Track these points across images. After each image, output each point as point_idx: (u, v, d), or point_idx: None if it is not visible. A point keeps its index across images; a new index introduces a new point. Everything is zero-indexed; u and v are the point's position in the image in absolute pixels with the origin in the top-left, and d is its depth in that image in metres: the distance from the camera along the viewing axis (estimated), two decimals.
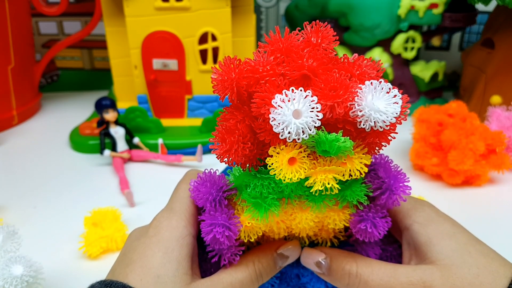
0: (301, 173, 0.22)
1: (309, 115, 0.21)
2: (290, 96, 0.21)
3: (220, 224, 0.24)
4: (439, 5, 0.61)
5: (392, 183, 0.25)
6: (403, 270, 0.25)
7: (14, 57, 0.63)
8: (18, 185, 0.49)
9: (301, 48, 0.23)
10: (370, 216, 0.25)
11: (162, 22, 0.54)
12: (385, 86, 0.21)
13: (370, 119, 0.21)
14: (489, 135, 0.48)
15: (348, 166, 0.23)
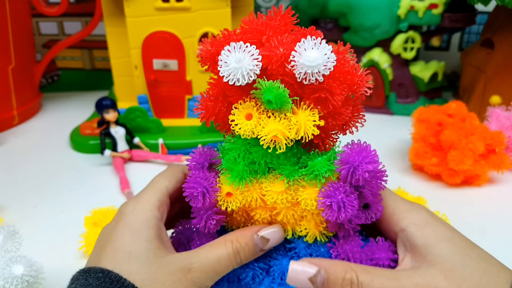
0: (253, 125, 0.25)
1: (249, 61, 0.25)
2: (235, 46, 0.25)
3: (198, 182, 0.27)
4: (438, 5, 0.61)
5: (354, 158, 0.25)
6: (405, 274, 0.25)
7: (15, 57, 0.64)
8: (18, 185, 0.49)
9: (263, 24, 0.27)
10: (333, 191, 0.25)
11: (163, 23, 0.54)
12: (318, 41, 0.24)
13: (301, 68, 0.24)
14: (489, 135, 0.48)
15: (293, 119, 0.25)
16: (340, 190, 0.25)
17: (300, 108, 0.26)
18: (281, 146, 0.25)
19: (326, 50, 0.24)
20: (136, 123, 0.56)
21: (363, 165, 0.25)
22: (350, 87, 0.26)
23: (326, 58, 0.24)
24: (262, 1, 0.80)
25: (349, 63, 0.26)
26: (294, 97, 0.26)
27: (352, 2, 0.63)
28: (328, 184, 0.26)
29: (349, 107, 0.26)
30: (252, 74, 0.25)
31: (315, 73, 0.24)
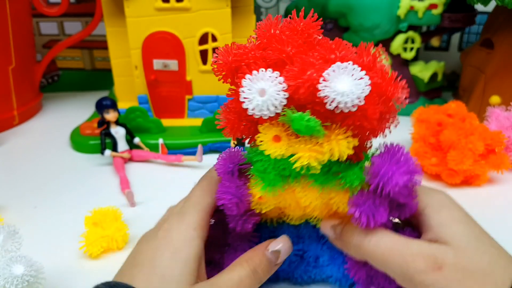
0: (283, 149, 0.24)
1: (274, 93, 0.23)
2: (257, 76, 0.23)
3: (230, 192, 0.27)
4: (438, 5, 0.61)
5: (385, 171, 0.24)
6: (417, 242, 0.26)
7: (15, 57, 0.64)
8: (18, 185, 0.50)
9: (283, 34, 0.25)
10: (362, 203, 0.25)
11: (163, 23, 0.54)
12: (351, 68, 0.22)
13: (332, 99, 0.22)
14: (489, 135, 0.48)
15: (326, 147, 0.24)
16: (370, 202, 0.25)
17: (333, 133, 0.24)
18: (316, 169, 0.24)
19: (360, 80, 0.22)
20: (136, 123, 0.57)
21: (394, 179, 0.24)
22: (385, 102, 0.24)
23: (360, 89, 0.22)
24: (262, 1, 0.80)
25: (381, 73, 0.24)
26: (326, 124, 0.24)
27: (352, 2, 0.63)
28: (358, 194, 0.26)
29: (386, 120, 0.25)
30: (280, 107, 0.23)
31: (348, 106, 0.22)
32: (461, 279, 0.24)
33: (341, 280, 0.31)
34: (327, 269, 0.31)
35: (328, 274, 0.32)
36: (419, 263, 0.24)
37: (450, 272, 0.24)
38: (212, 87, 0.58)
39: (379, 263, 0.26)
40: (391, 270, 0.26)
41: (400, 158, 0.25)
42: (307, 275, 0.32)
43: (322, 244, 0.32)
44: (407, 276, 0.25)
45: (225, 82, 0.27)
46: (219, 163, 0.29)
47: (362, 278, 0.29)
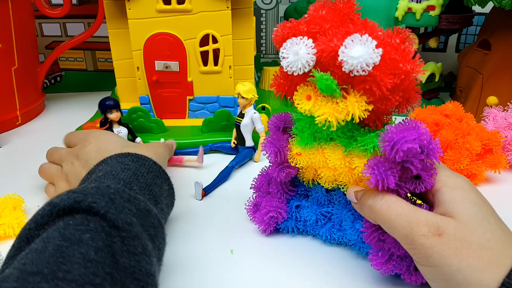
0: (310, 105, 0.30)
1: (304, 54, 0.29)
2: (294, 41, 0.29)
3: (273, 143, 0.35)
4: (436, 7, 0.61)
5: (392, 137, 0.28)
6: (424, 212, 0.28)
7: (18, 58, 0.64)
8: (21, 184, 0.50)
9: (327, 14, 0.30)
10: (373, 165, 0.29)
11: (164, 24, 0.55)
12: (365, 38, 0.27)
13: (346, 63, 0.27)
14: (486, 135, 0.48)
15: (341, 105, 0.29)
16: (381, 165, 0.29)
17: (350, 95, 0.29)
18: (333, 125, 0.30)
19: (371, 47, 0.27)
20: (138, 123, 0.57)
21: (399, 145, 0.28)
22: (399, 75, 0.28)
23: (371, 54, 0.26)
24: (262, 3, 0.81)
25: (403, 51, 0.28)
26: (344, 86, 0.29)
27: None
28: (373, 158, 0.30)
29: (399, 92, 0.28)
30: (307, 66, 0.29)
31: (358, 69, 0.27)
32: (458, 247, 0.25)
33: (360, 245, 0.35)
34: (348, 232, 0.36)
35: (349, 238, 0.36)
36: (422, 228, 0.27)
37: (449, 239, 0.26)
38: (212, 87, 0.58)
39: (387, 224, 0.29)
40: (397, 232, 0.28)
41: (411, 129, 0.28)
42: (331, 235, 0.37)
43: (348, 210, 0.36)
44: (409, 239, 0.27)
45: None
46: (272, 120, 0.37)
47: (374, 241, 0.32)
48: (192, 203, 0.45)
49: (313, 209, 0.37)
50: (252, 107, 0.53)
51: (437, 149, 0.29)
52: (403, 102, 0.30)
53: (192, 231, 0.41)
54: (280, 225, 0.39)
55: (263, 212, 0.38)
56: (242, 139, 0.53)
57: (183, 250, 0.38)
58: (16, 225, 0.40)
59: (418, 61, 0.28)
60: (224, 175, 0.49)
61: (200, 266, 0.36)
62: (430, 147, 0.28)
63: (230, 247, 0.38)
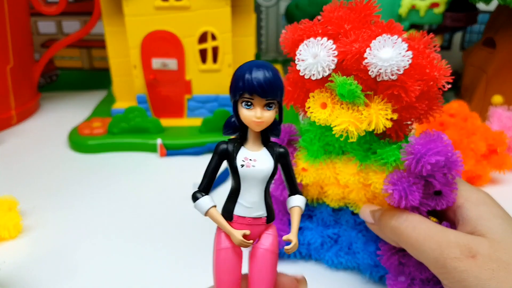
0: (327, 114, 0.27)
1: (324, 56, 0.25)
2: (312, 42, 0.26)
3: None
4: (440, 4, 0.60)
5: (418, 150, 0.26)
6: (453, 231, 0.26)
7: (13, 56, 0.63)
8: (16, 184, 0.49)
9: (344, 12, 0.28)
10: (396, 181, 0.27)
11: (162, 22, 0.54)
12: (394, 39, 0.24)
13: (375, 66, 0.24)
14: (491, 135, 0.47)
15: (365, 113, 0.26)
16: (404, 180, 0.27)
17: (373, 102, 0.26)
18: (353, 136, 0.27)
19: (401, 49, 0.24)
20: (134, 123, 0.56)
21: (426, 157, 0.25)
22: (427, 82, 0.26)
23: (401, 57, 0.24)
24: (262, 0, 0.80)
25: (428, 56, 0.26)
26: (368, 92, 0.26)
27: None
28: (394, 172, 0.27)
29: (424, 101, 0.27)
30: (327, 69, 0.26)
31: (388, 72, 0.25)
32: (495, 269, 0.24)
33: (371, 269, 0.32)
34: (359, 256, 0.33)
35: (358, 262, 0.33)
36: (454, 250, 0.25)
37: (484, 261, 0.24)
38: (211, 86, 0.57)
39: (413, 247, 0.27)
40: (425, 256, 0.26)
41: (436, 140, 0.26)
42: (338, 259, 0.33)
43: (358, 231, 0.33)
44: (440, 262, 0.25)
45: (289, 56, 0.29)
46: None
47: (394, 265, 0.29)
48: (190, 204, 0.44)
49: (318, 230, 0.34)
50: None
51: (459, 163, 0.27)
52: (427, 110, 0.28)
53: (191, 232, 0.40)
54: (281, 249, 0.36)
55: None
56: None
57: (182, 254, 0.37)
58: (11, 227, 0.39)
59: (444, 67, 0.26)
60: (223, 177, 0.48)
61: (199, 267, 0.35)
62: (452, 160, 0.26)
63: None
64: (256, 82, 0.21)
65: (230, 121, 0.24)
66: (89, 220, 0.42)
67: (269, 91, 0.22)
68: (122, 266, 0.36)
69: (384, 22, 0.27)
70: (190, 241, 0.39)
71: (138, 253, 0.38)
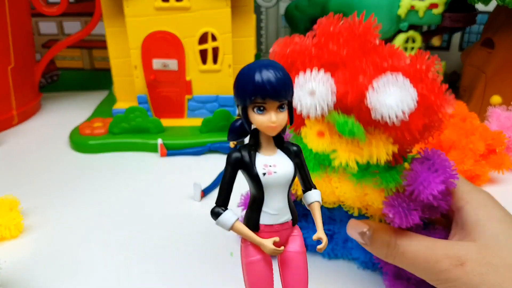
0: (325, 145, 0.25)
1: (323, 95, 0.23)
2: (309, 76, 0.23)
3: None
4: (439, 5, 0.60)
5: (422, 179, 0.25)
6: (441, 244, 0.26)
7: (14, 57, 0.63)
8: (17, 185, 0.49)
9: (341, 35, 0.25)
10: (397, 205, 0.26)
11: (162, 22, 0.54)
12: (400, 81, 0.22)
13: (377, 111, 0.23)
14: (489, 135, 0.48)
15: (366, 151, 0.25)
16: (404, 204, 0.26)
17: (374, 138, 0.25)
18: (353, 169, 0.25)
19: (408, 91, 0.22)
20: (135, 123, 0.56)
21: (429, 189, 0.25)
22: (430, 115, 0.24)
23: (408, 100, 0.22)
24: (262, 0, 0.80)
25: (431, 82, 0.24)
26: (368, 128, 0.25)
27: (352, 1, 0.62)
28: (394, 195, 0.26)
29: (426, 132, 0.25)
30: (326, 108, 0.24)
31: (393, 117, 0.23)
32: (485, 273, 0.24)
33: (367, 263, 0.33)
34: (354, 251, 0.33)
35: (354, 256, 0.34)
36: (442, 263, 0.25)
37: (473, 267, 0.24)
38: (211, 87, 0.58)
39: (407, 267, 0.27)
40: (419, 273, 0.27)
41: (438, 166, 0.26)
42: (334, 253, 0.34)
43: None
44: (433, 277, 0.26)
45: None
46: None
47: (391, 270, 0.30)
48: (190, 204, 0.45)
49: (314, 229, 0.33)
50: None
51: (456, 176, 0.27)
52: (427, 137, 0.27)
53: (190, 232, 0.40)
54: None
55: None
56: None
57: (182, 252, 0.37)
58: (12, 227, 0.39)
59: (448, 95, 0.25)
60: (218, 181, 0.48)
61: (199, 268, 0.36)
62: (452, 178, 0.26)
63: (229, 250, 0.37)
64: (269, 85, 0.20)
65: (236, 126, 0.22)
66: (89, 220, 0.42)
67: (283, 93, 0.20)
68: (123, 265, 0.36)
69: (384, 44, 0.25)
70: (190, 240, 0.39)
71: (138, 253, 0.38)
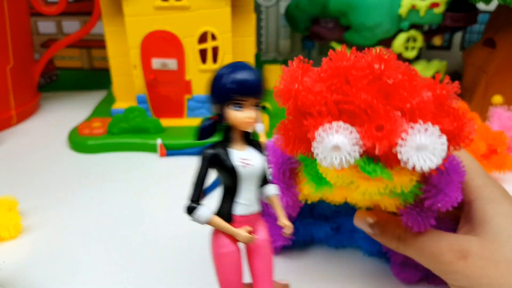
0: (344, 179, 0.24)
1: (349, 149, 0.21)
2: (333, 129, 0.22)
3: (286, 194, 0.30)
4: (440, 4, 0.60)
5: (439, 192, 0.26)
6: (446, 237, 0.27)
7: (13, 56, 0.63)
8: (16, 185, 0.49)
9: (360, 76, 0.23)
10: (414, 213, 0.27)
11: (162, 22, 0.54)
12: (432, 132, 0.21)
13: (409, 162, 0.22)
14: (491, 135, 0.47)
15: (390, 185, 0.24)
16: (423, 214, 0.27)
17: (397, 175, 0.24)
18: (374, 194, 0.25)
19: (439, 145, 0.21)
20: (134, 123, 0.56)
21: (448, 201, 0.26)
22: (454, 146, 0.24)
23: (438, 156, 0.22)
24: (262, 0, 0.80)
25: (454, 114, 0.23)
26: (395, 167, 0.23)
27: (353, 1, 0.62)
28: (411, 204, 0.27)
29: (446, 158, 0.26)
30: (352, 161, 0.22)
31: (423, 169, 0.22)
32: (486, 267, 0.25)
33: (373, 252, 0.34)
34: (361, 242, 0.34)
35: (360, 245, 0.35)
36: (446, 256, 0.26)
37: (474, 260, 0.25)
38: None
39: (414, 257, 0.29)
40: (425, 264, 0.28)
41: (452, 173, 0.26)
42: (341, 244, 0.36)
43: None
44: (437, 268, 0.27)
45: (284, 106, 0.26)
46: (272, 162, 0.30)
47: (399, 258, 0.31)
48: None
49: (321, 225, 0.35)
50: None
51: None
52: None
53: (190, 232, 0.40)
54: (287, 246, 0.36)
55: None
56: None
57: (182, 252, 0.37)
58: (11, 227, 0.39)
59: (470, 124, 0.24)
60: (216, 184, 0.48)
61: (200, 267, 0.35)
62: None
63: None
64: (250, 84, 0.22)
65: (207, 126, 0.24)
66: (89, 220, 0.42)
67: (260, 91, 0.22)
68: (122, 266, 0.36)
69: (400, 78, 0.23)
70: (191, 239, 0.39)
71: (138, 252, 0.38)
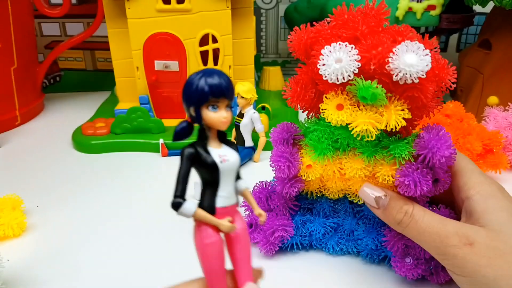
0: (346, 116, 0.28)
1: (349, 62, 0.26)
2: (335, 47, 0.27)
3: (284, 156, 0.31)
4: (436, 6, 0.61)
5: (433, 144, 0.28)
6: (453, 223, 0.28)
7: (17, 58, 0.64)
8: (20, 184, 0.50)
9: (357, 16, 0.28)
10: (411, 172, 0.28)
11: (164, 24, 0.54)
12: (417, 45, 0.26)
13: (401, 71, 0.26)
14: (486, 135, 0.48)
15: (385, 117, 0.27)
16: (418, 172, 0.28)
17: (391, 104, 0.28)
18: (372, 135, 0.28)
19: (424, 55, 0.26)
20: (137, 123, 0.57)
21: (441, 151, 0.27)
22: (438, 83, 0.28)
23: (424, 63, 0.26)
24: (262, 2, 0.81)
25: (435, 58, 0.28)
26: (388, 94, 0.28)
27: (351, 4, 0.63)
28: (406, 165, 0.29)
29: (434, 100, 0.29)
30: (351, 74, 0.27)
31: (413, 77, 0.26)
32: (492, 257, 0.25)
33: (372, 253, 0.34)
34: (361, 242, 0.34)
35: (360, 248, 0.35)
36: (452, 239, 0.26)
37: (481, 248, 0.26)
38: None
39: (416, 238, 0.29)
40: (427, 245, 0.28)
41: (443, 135, 0.28)
42: (339, 246, 0.36)
43: (357, 219, 0.35)
44: (440, 250, 0.27)
45: (296, 57, 0.30)
46: (275, 132, 0.33)
47: (400, 249, 0.31)
48: None
49: (320, 222, 0.35)
50: (251, 107, 0.52)
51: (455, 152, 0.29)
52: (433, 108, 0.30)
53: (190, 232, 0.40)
54: (286, 243, 0.36)
55: (268, 232, 0.35)
56: (242, 139, 0.53)
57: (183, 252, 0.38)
58: (15, 226, 0.40)
59: (448, 67, 0.28)
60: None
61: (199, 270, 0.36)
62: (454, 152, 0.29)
63: None
64: (223, 86, 0.24)
65: (184, 127, 0.26)
66: (92, 219, 0.43)
67: (232, 93, 0.25)
68: (125, 265, 0.37)
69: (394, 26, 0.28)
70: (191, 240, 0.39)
71: (141, 252, 0.38)
